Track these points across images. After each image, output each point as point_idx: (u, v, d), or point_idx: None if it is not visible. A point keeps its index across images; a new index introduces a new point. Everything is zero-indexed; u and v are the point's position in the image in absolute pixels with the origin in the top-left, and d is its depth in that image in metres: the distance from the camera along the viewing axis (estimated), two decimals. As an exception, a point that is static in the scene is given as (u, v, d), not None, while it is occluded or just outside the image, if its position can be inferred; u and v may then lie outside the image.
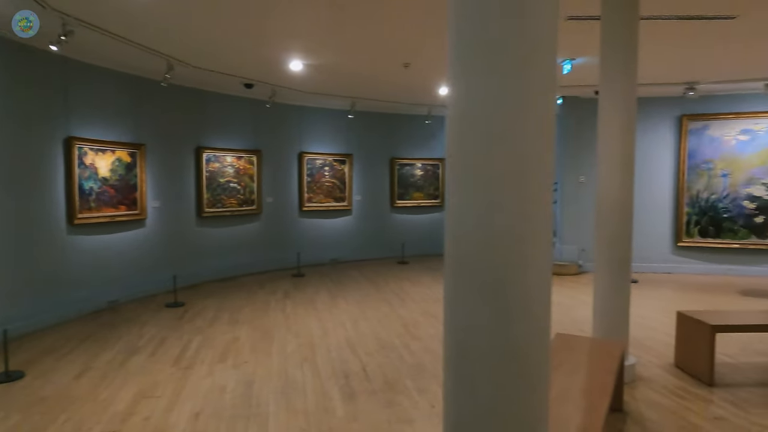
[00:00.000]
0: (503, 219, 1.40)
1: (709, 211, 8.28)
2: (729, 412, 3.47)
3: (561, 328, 5.41)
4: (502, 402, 1.46)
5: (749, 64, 6.61)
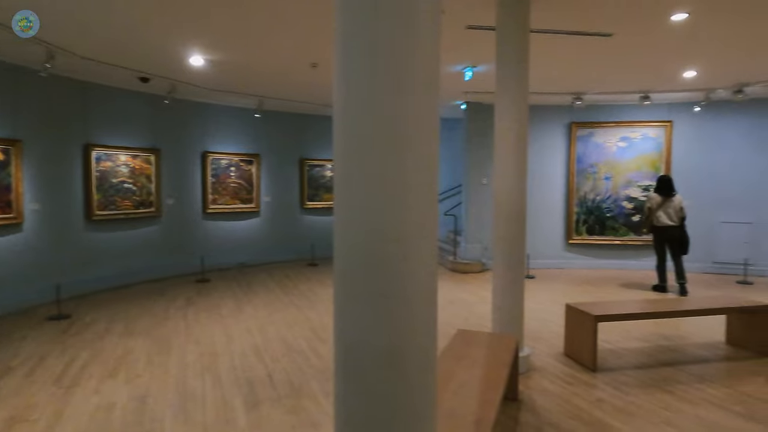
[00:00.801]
0: (387, 220, 1.41)
1: (595, 211, 9.07)
2: (609, 394, 3.81)
3: (464, 323, 5.65)
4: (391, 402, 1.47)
5: (626, 77, 7.34)
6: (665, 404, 3.63)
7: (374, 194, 1.41)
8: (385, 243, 1.41)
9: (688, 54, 6.06)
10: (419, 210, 1.44)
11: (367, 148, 1.41)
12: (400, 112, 1.40)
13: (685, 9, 4.49)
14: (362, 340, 1.46)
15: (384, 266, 1.42)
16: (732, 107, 8.26)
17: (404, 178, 1.41)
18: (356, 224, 1.45)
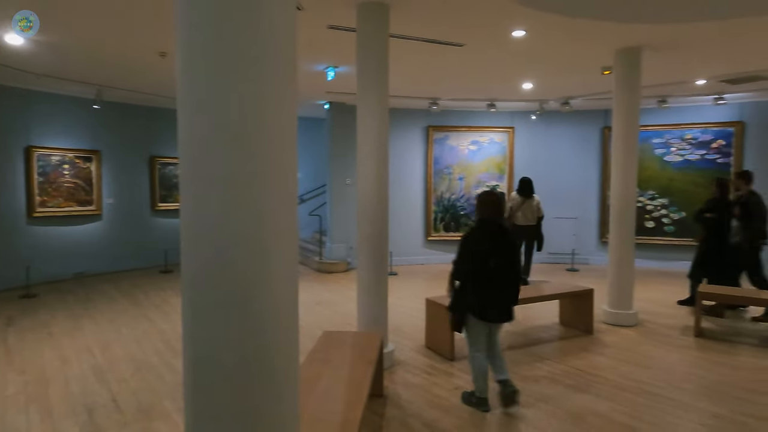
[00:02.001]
0: (241, 223, 1.31)
1: (451, 209, 9.72)
2: (465, 380, 4.07)
3: (331, 324, 5.64)
4: (249, 418, 1.37)
5: (475, 86, 7.96)
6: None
7: (224, 197, 1.29)
8: (239, 248, 1.30)
9: (526, 67, 6.76)
10: (276, 212, 1.36)
11: (214, 147, 1.30)
12: (251, 111, 1.30)
13: (523, 27, 4.99)
14: (215, 353, 1.34)
15: (238, 272, 1.32)
16: (561, 116, 9.43)
17: (257, 180, 1.31)
18: (206, 229, 1.32)
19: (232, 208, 1.29)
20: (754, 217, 5.72)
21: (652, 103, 8.51)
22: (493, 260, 3.36)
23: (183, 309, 1.40)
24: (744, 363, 4.45)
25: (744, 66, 6.56)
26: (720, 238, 6.02)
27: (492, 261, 3.36)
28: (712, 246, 6.07)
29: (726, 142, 8.75)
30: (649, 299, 6.69)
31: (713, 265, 6.02)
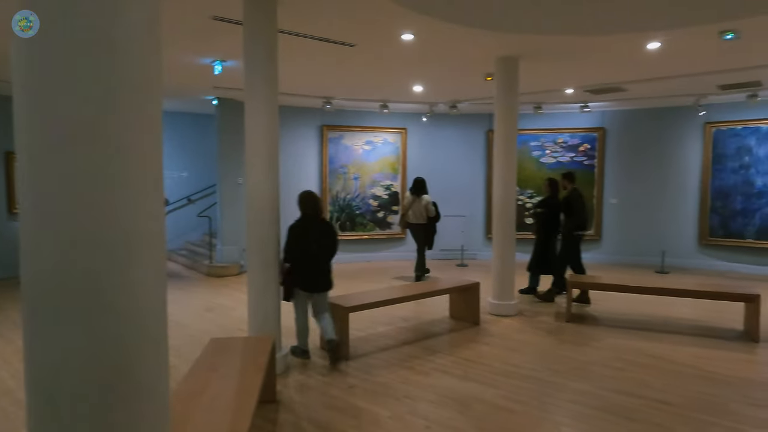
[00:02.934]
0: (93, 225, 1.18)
1: (347, 208, 9.76)
2: (360, 379, 4.10)
3: (223, 331, 5.38)
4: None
5: (368, 86, 8.05)
6: (405, 379, 4.09)
7: (74, 196, 1.15)
8: (87, 252, 1.17)
9: (416, 71, 6.98)
10: (138, 212, 1.24)
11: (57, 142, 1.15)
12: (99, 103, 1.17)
13: (411, 30, 5.14)
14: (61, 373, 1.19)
15: (90, 279, 1.18)
16: (450, 119, 9.89)
17: (113, 178, 1.19)
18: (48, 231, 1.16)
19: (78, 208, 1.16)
20: (575, 212, 6.45)
21: (529, 108, 9.23)
22: (313, 246, 4.34)
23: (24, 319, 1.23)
24: (606, 344, 4.98)
25: (604, 78, 7.35)
26: (552, 233, 6.76)
27: (311, 246, 4.33)
28: (545, 240, 6.79)
29: (591, 145, 9.75)
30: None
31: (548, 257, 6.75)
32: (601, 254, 9.82)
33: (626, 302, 6.40)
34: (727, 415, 3.45)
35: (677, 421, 3.36)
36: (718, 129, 8.86)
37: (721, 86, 7.74)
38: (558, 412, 3.54)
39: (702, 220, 9.04)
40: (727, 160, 8.79)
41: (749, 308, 5.12)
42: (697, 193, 9.11)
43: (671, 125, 9.27)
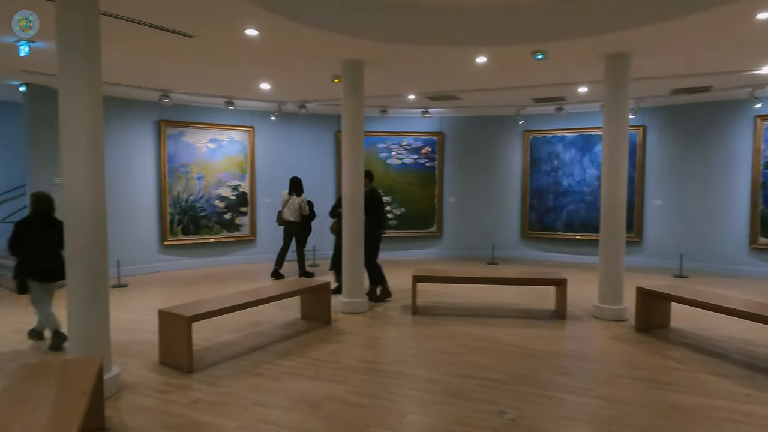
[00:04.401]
0: None
1: (189, 210, 9.10)
2: (205, 391, 3.85)
3: (38, 355, 4.64)
4: None
5: (211, 81, 7.61)
6: (255, 387, 3.95)
7: None
8: None
9: (262, 68, 6.78)
10: None
11: None
12: None
13: (255, 26, 4.97)
14: None
15: None
16: (300, 119, 9.83)
17: None
18: None
19: None
20: (374, 211, 6.60)
21: (376, 111, 9.59)
22: (40, 241, 4.82)
23: None
24: (447, 332, 5.39)
25: (441, 86, 7.95)
26: None
27: (38, 241, 4.82)
28: None
29: (432, 149, 10.49)
30: (378, 286, 7.53)
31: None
32: (441, 249, 10.62)
33: (464, 292, 7.01)
34: (541, 384, 3.98)
35: (504, 395, 3.77)
36: (534, 136, 10.17)
37: (535, 99, 8.90)
38: (404, 401, 3.73)
39: (523, 216, 10.32)
40: (541, 164, 10.15)
41: (559, 291, 5.96)
42: (519, 192, 10.36)
43: (498, 132, 10.40)
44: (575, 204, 9.89)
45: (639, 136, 9.26)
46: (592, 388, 3.93)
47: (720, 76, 7.09)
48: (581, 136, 9.77)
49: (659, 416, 3.44)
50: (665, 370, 4.29)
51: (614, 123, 5.80)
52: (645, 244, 9.33)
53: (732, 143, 8.55)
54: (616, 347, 4.88)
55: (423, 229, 10.57)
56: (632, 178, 9.16)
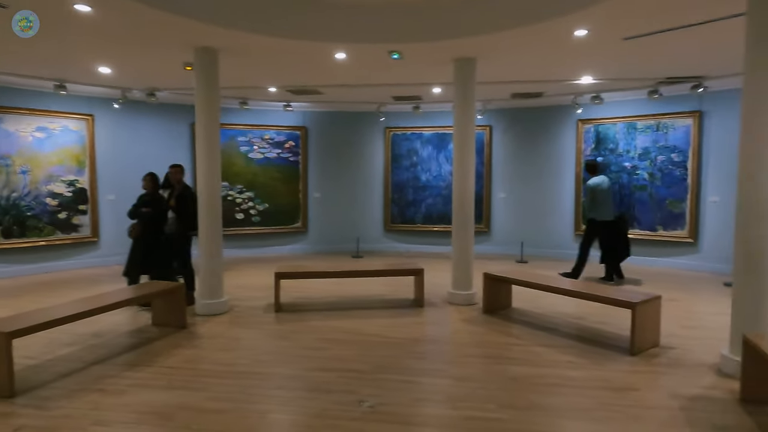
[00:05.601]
0: None
1: (12, 210, 7.85)
2: (31, 416, 3.36)
3: None
4: None
5: (36, 60, 6.60)
6: (95, 404, 3.55)
7: None
8: None
9: (101, 49, 6.07)
10: None
11: None
12: None
13: (85, 1, 4.43)
14: None
15: None
16: (150, 108, 9.02)
17: None
18: None
19: None
20: (186, 210, 6.03)
21: (235, 103, 9.19)
22: None
23: None
24: (310, 327, 5.38)
25: (302, 80, 7.87)
26: (156, 231, 6.12)
27: None
28: (150, 240, 6.09)
29: (295, 143, 10.36)
30: (240, 285, 7.26)
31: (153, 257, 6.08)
32: (307, 245, 10.58)
33: (329, 287, 7.05)
34: (400, 371, 4.17)
35: (364, 385, 3.88)
36: (395, 133, 10.58)
37: (394, 97, 9.26)
38: (264, 401, 3.64)
39: (386, 210, 10.70)
40: (401, 159, 10.60)
41: (416, 280, 6.30)
42: (382, 187, 10.71)
43: (361, 128, 10.62)
44: (433, 198, 10.52)
45: (486, 135, 10.15)
46: (445, 368, 4.22)
47: (549, 84, 8.06)
48: (437, 134, 10.40)
49: (500, 388, 3.81)
50: (507, 346, 4.77)
51: (463, 122, 6.27)
52: (492, 234, 10.27)
53: (560, 143, 9.78)
54: (466, 329, 5.30)
55: (287, 225, 10.41)
56: (481, 173, 10.07)
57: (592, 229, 7.42)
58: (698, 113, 8.24)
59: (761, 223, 3.87)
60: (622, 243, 7.44)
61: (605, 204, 7.33)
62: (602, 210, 7.32)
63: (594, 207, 7.35)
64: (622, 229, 7.47)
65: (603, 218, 7.31)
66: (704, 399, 3.62)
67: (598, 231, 7.38)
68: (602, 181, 7.39)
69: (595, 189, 7.32)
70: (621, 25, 5.13)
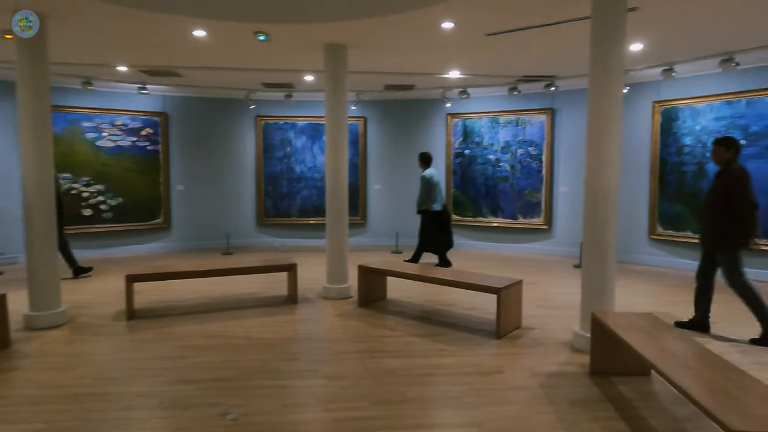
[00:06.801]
0: None
1: None
2: None
3: None
4: None
5: None
6: None
7: None
8: None
9: None
10: None
11: None
12: None
13: None
14: None
15: None
16: (-40, 85, 7.49)
17: None
18: None
19: None
20: None
21: (77, 83, 8.02)
22: None
23: None
24: (168, 334, 4.82)
25: (157, 59, 7.07)
26: None
27: None
28: None
29: (154, 130, 9.37)
30: (88, 291, 6.36)
31: None
32: (170, 242, 9.68)
33: (194, 287, 6.45)
34: (271, 375, 3.87)
35: (229, 394, 3.52)
36: (266, 122, 10.08)
37: (264, 84, 8.78)
38: (106, 427, 3.12)
39: (259, 203, 10.17)
40: (274, 150, 10.14)
41: (290, 276, 6.00)
42: (254, 179, 10.15)
43: (230, 115, 9.94)
44: (308, 190, 10.23)
45: (361, 126, 10.10)
46: (317, 368, 4.01)
47: (420, 77, 8.20)
48: (311, 124, 10.11)
49: (374, 384, 3.71)
50: (381, 339, 4.71)
51: (335, 111, 6.08)
52: (369, 225, 10.29)
53: (432, 136, 10.08)
54: (341, 324, 5.15)
55: (147, 221, 9.40)
56: (356, 164, 10.02)
57: (428, 219, 7.66)
58: (551, 110, 8.99)
59: (606, 208, 4.24)
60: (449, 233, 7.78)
61: (437, 195, 7.62)
62: (434, 201, 7.59)
63: (428, 198, 7.57)
64: (447, 220, 7.79)
65: (435, 209, 7.59)
66: (560, 375, 3.86)
67: (433, 221, 7.63)
68: (434, 173, 7.66)
69: (430, 181, 7.57)
70: (483, 21, 5.31)
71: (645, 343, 3.24)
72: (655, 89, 7.96)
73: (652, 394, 3.55)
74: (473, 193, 9.83)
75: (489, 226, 9.74)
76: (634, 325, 3.60)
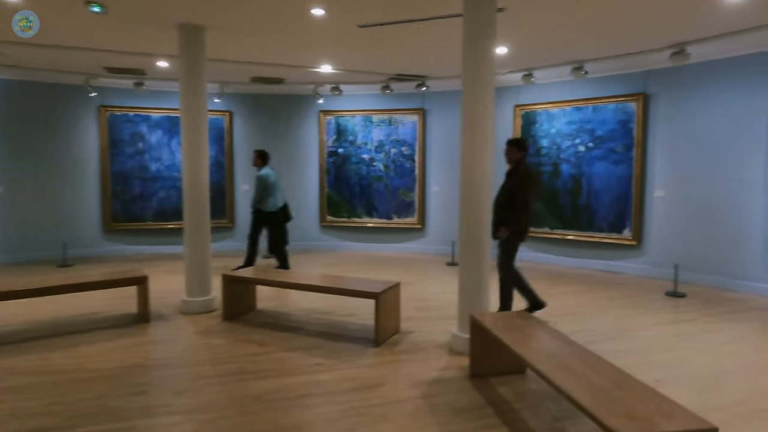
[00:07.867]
0: None
1: None
2: None
3: None
4: None
5: None
6: None
7: None
8: None
9: None
10: None
11: None
12: None
13: None
14: None
15: None
16: None
17: None
18: None
19: None
20: None
21: None
22: None
23: None
24: None
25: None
26: None
27: None
28: None
29: (-40, 118, 7.61)
30: None
31: None
32: (-13, 255, 7.98)
33: (16, 309, 5.28)
34: (110, 416, 3.17)
35: (48, 451, 2.78)
36: (113, 113, 8.79)
37: (108, 68, 7.62)
38: None
39: (105, 206, 8.83)
40: (124, 145, 8.89)
41: (140, 290, 5.17)
42: (98, 178, 8.80)
43: (66, 104, 8.47)
44: (166, 190, 9.15)
45: (226, 121, 9.30)
46: (170, 402, 3.38)
47: (290, 69, 7.72)
48: (168, 117, 9.04)
49: (240, 413, 3.21)
50: (249, 357, 4.19)
51: (192, 101, 5.37)
52: (237, 229, 9.52)
53: (304, 134, 9.62)
54: (202, 343, 4.51)
55: (-48, 230, 7.62)
56: (222, 163, 9.22)
57: (259, 219, 7.17)
58: (422, 110, 9.08)
59: (479, 207, 4.20)
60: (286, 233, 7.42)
61: (273, 195, 7.14)
62: (271, 201, 7.10)
63: (263, 198, 7.06)
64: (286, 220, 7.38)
65: (270, 209, 7.09)
66: (441, 382, 3.71)
67: (265, 221, 7.18)
68: (271, 172, 7.14)
69: (267, 180, 7.08)
70: (355, 10, 5.03)
71: (524, 344, 3.19)
72: (516, 93, 8.41)
73: (529, 392, 3.55)
74: (347, 193, 9.59)
75: (364, 227, 9.56)
76: (511, 325, 3.58)
